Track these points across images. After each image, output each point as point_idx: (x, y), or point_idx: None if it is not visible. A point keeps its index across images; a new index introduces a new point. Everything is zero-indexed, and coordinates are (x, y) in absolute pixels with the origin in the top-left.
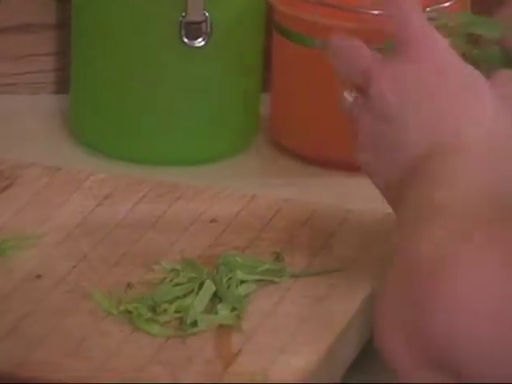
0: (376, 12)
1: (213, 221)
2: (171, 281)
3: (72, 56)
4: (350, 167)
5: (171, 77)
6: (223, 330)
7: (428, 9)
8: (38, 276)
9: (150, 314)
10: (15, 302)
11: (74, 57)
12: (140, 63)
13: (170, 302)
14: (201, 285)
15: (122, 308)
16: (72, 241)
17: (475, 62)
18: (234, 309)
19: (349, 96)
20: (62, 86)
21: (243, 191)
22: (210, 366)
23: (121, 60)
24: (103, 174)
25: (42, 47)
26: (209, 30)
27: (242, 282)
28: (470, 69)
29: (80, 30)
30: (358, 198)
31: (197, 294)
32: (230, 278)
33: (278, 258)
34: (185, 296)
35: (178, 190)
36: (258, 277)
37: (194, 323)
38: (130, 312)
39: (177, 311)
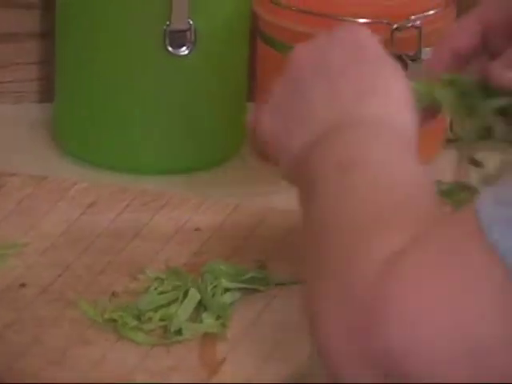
0: (361, 20)
1: (197, 229)
2: (156, 289)
3: (56, 65)
4: None
5: (155, 85)
6: (208, 338)
7: (413, 17)
8: (23, 284)
9: (134, 323)
10: None
11: (58, 66)
12: (124, 72)
13: (155, 310)
14: (185, 293)
15: (106, 316)
16: (56, 250)
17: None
18: (218, 317)
19: None
20: (46, 95)
21: (227, 200)
22: (195, 374)
23: (105, 69)
24: (87, 182)
25: (25, 56)
26: (193, 38)
27: (227, 290)
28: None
29: (64, 39)
30: None
31: (181, 302)
32: (214, 287)
33: (262, 266)
34: (169, 304)
35: (162, 198)
36: (242, 285)
37: (179, 331)
38: (114, 320)
39: (161, 319)
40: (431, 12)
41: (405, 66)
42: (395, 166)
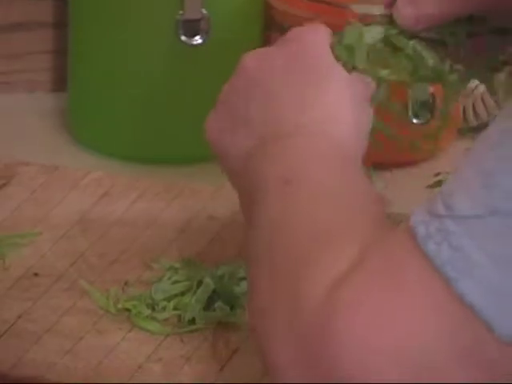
0: (375, 8)
1: (211, 218)
2: (169, 278)
3: (69, 54)
4: None
5: (168, 74)
6: (222, 327)
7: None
8: (36, 274)
9: (148, 312)
10: (12, 300)
11: (72, 55)
12: (137, 61)
13: (169, 299)
14: (199, 282)
15: (120, 306)
16: (69, 239)
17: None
18: (232, 306)
19: None
20: (60, 84)
21: None
22: (207, 364)
23: (118, 58)
24: (100, 172)
25: (39, 45)
26: (207, 27)
27: (242, 279)
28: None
29: (77, 29)
30: None
31: (195, 291)
32: (229, 276)
33: None
34: (183, 294)
35: (175, 188)
36: None
37: (193, 321)
38: (128, 310)
39: (175, 309)
40: None
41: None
42: (335, 180)
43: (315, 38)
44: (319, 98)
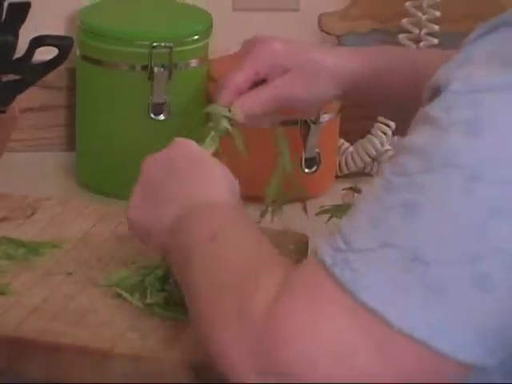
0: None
1: None
2: (137, 271)
3: (77, 126)
4: None
5: (143, 140)
6: None
7: None
8: (52, 271)
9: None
10: (37, 289)
11: (78, 127)
12: (122, 131)
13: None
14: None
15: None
16: (76, 249)
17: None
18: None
19: None
20: (70, 146)
21: None
22: None
23: (110, 130)
24: (97, 204)
25: (56, 120)
26: (168, 108)
27: None
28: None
29: (82, 109)
30: None
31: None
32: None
33: None
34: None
35: None
36: None
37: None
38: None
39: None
40: None
41: (308, 127)
42: (242, 230)
43: (187, 143)
44: (212, 178)
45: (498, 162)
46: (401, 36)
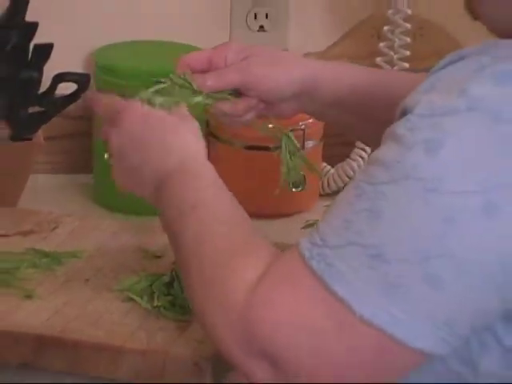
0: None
1: None
2: (146, 278)
3: (93, 151)
4: None
5: None
6: None
7: (300, 123)
8: (72, 278)
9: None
10: (59, 294)
11: (95, 152)
12: None
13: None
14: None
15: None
16: (93, 259)
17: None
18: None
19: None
20: (87, 169)
21: None
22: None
23: None
24: (111, 220)
25: (76, 147)
26: None
27: None
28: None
29: (98, 137)
30: None
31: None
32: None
33: None
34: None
35: (157, 229)
36: None
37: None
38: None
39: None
40: (310, 120)
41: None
42: (227, 203)
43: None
44: (182, 140)
45: (451, 176)
46: None
